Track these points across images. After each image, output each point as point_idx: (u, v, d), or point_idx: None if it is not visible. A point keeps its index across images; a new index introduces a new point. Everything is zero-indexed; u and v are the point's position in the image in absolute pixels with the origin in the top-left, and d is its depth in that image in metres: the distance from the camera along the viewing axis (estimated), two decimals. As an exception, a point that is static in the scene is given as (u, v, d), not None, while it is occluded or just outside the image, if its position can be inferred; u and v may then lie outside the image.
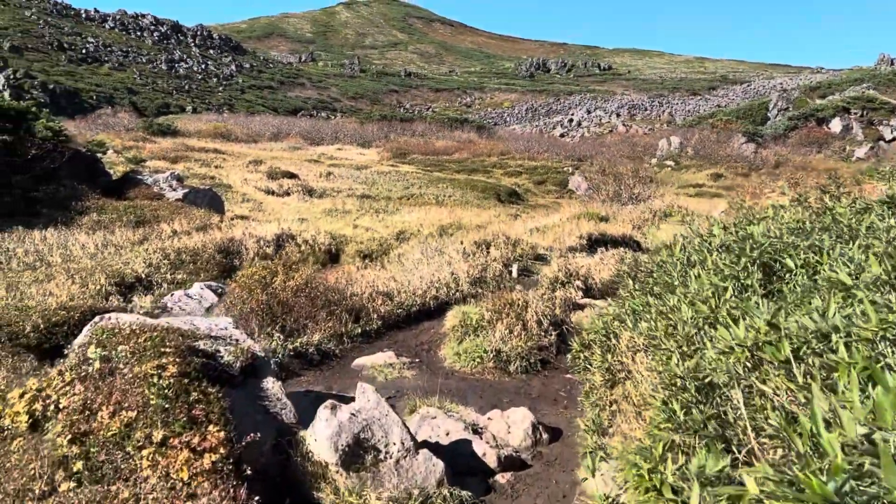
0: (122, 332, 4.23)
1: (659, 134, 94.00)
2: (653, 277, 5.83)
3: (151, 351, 3.97)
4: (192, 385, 3.86)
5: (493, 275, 10.59)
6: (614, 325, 5.30)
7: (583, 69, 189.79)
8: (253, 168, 41.27)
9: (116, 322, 4.57)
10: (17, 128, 17.60)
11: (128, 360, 3.93)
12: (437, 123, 72.13)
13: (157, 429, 3.47)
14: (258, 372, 4.60)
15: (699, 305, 4.24)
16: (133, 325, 4.35)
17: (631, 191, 19.73)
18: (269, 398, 4.48)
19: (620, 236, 13.36)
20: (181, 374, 3.87)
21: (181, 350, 4.08)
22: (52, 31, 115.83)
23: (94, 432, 3.48)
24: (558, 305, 8.85)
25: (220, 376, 4.25)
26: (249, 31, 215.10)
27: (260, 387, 4.50)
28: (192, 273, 13.27)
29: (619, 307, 5.55)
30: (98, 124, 57.41)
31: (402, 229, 21.38)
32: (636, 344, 4.76)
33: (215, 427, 3.59)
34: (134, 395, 3.62)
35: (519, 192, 43.85)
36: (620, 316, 5.32)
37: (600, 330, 5.29)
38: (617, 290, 10.25)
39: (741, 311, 4.07)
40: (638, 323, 4.88)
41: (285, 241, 17.17)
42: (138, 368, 3.80)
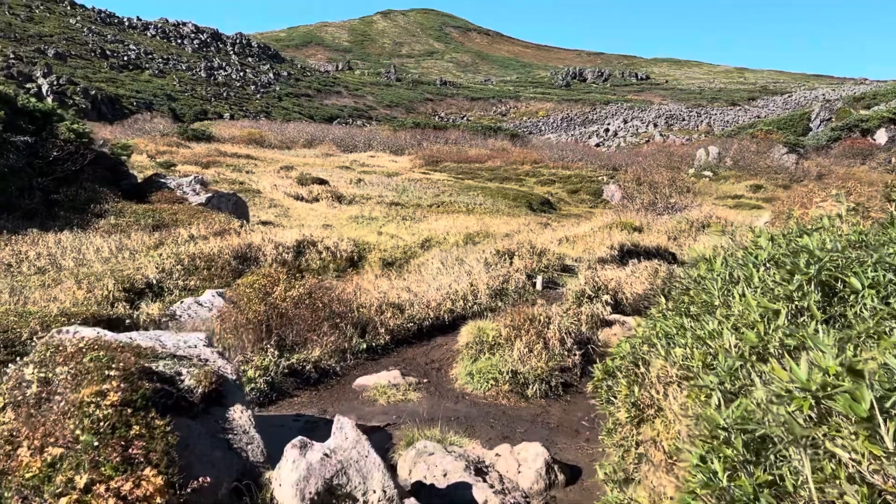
0: (66, 350, 3.67)
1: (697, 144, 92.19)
2: (689, 295, 5.08)
3: (95, 373, 3.40)
4: (136, 416, 3.27)
5: (514, 287, 9.89)
6: (643, 350, 4.58)
7: (620, 78, 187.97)
8: (284, 174, 41.15)
9: (67, 337, 4.01)
10: (41, 129, 17.44)
11: (68, 383, 3.37)
12: (470, 132, 71.60)
13: (83, 471, 2.88)
14: (225, 398, 3.99)
15: (745, 332, 3.52)
16: (81, 342, 3.78)
17: (667, 200, 18.81)
18: (233, 430, 3.86)
19: (654, 248, 12.55)
20: (124, 403, 3.28)
21: (130, 373, 3.50)
22: (95, 38, 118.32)
23: (12, 472, 2.91)
24: (584, 322, 8.12)
25: (178, 404, 3.66)
26: (288, 40, 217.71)
27: (224, 417, 3.88)
28: (206, 279, 12.81)
29: (650, 328, 4.82)
30: (134, 129, 58.07)
31: (428, 237, 20.78)
32: (668, 374, 4.04)
33: (154, 470, 2.99)
34: (64, 428, 3.05)
35: (551, 201, 43.00)
36: (650, 339, 4.60)
37: (627, 355, 4.57)
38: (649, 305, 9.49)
39: (797, 341, 3.34)
40: (671, 349, 4.16)
41: (306, 248, 16.68)
42: (75, 395, 3.23)
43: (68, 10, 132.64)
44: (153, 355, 3.90)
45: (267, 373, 6.49)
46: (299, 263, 16.01)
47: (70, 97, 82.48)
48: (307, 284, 7.59)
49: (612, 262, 11.32)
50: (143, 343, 4.08)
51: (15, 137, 16.27)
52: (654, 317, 5.06)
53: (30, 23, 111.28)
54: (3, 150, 15.49)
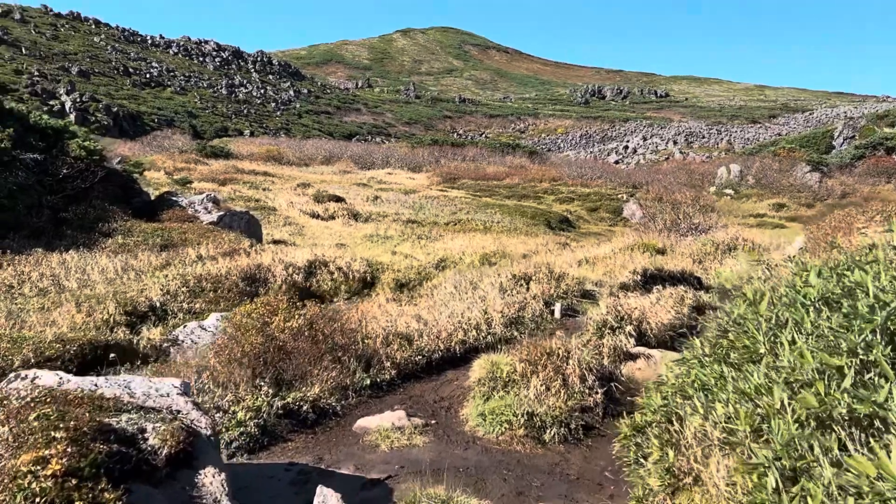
0: (10, 404, 3.20)
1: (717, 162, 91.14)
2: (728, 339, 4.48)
3: (39, 435, 2.92)
4: (82, 489, 2.78)
5: (531, 315, 9.33)
6: (677, 402, 4.01)
7: (639, 96, 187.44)
8: (300, 191, 40.96)
9: (17, 387, 3.54)
10: (51, 147, 17.22)
11: (8, 446, 2.89)
12: (488, 149, 71.26)
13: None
14: (196, 459, 3.48)
15: (802, 393, 2.97)
16: (32, 394, 3.31)
17: (690, 220, 18.18)
18: (202, 498, 3.37)
19: (679, 272, 11.94)
20: (68, 473, 2.80)
21: (82, 433, 3.03)
22: (118, 56, 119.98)
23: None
24: (606, 355, 7.55)
25: (138, 468, 3.17)
26: (308, 58, 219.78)
27: (193, 482, 3.38)
28: (212, 302, 12.40)
29: (684, 376, 4.25)
30: (154, 146, 58.36)
31: (444, 257, 20.29)
32: (708, 436, 3.48)
33: (93, 560, 2.50)
34: (-6, 505, 2.57)
35: (570, 219, 42.38)
36: (685, 389, 4.03)
37: (658, 409, 4.01)
38: (676, 336, 8.89)
39: (868, 408, 2.77)
40: (711, 405, 3.60)
41: (318, 268, 16.24)
42: (12, 462, 2.76)
43: (93, 28, 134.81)
44: (116, 408, 3.43)
45: (259, 415, 5.97)
46: (310, 285, 15.57)
47: (92, 114, 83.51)
48: (308, 314, 7.10)
49: (634, 287, 10.73)
50: (107, 392, 3.61)
51: (24, 155, 16.05)
52: (688, 360, 4.50)
53: (55, 41, 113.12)
54: (11, 168, 15.25)
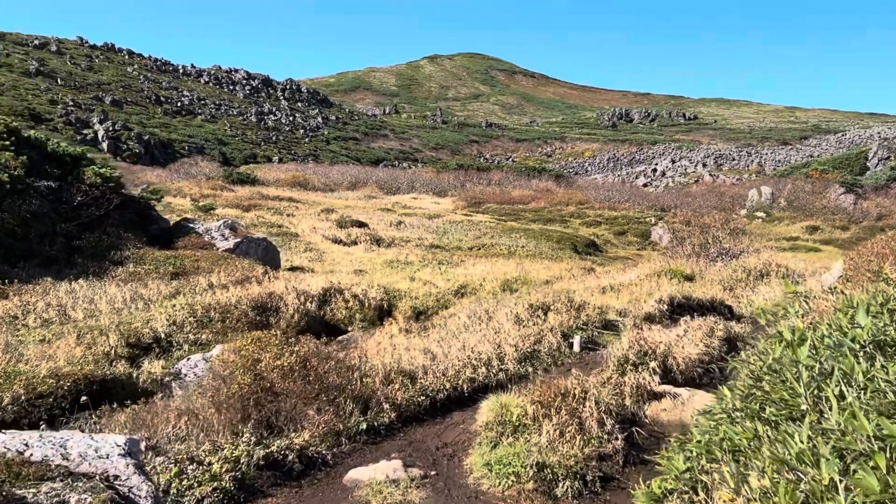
0: None
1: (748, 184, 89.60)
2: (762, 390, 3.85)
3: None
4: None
5: (548, 349, 8.69)
6: (701, 465, 3.40)
7: (667, 119, 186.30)
8: (324, 216, 40.82)
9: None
10: (66, 174, 17.11)
11: None
12: (514, 172, 70.85)
13: None
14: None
15: (859, 473, 2.38)
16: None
17: (720, 244, 17.38)
18: (129, 588, 2.83)
19: (709, 300, 11.22)
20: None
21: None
22: (150, 85, 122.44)
23: None
24: (628, 395, 6.91)
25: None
26: (337, 85, 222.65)
27: (119, 568, 2.88)
28: (220, 333, 11.97)
29: (712, 432, 3.64)
30: (181, 172, 58.97)
31: (464, 283, 19.73)
32: (740, 513, 2.87)
33: None
34: None
35: (597, 243, 41.60)
36: (712, 450, 3.42)
37: (682, 474, 3.40)
38: (705, 372, 8.21)
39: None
40: (744, 474, 2.99)
41: (332, 296, 15.79)
42: None
43: (126, 59, 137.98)
44: (39, 475, 2.94)
45: (237, 466, 5.40)
46: (324, 313, 15.12)
47: (124, 142, 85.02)
48: (302, 351, 6.58)
49: (660, 317, 10.05)
50: (38, 453, 3.14)
51: (39, 182, 15.93)
52: (717, 414, 3.89)
53: (89, 71, 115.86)
54: (24, 196, 15.10)
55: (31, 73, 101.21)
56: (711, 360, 8.23)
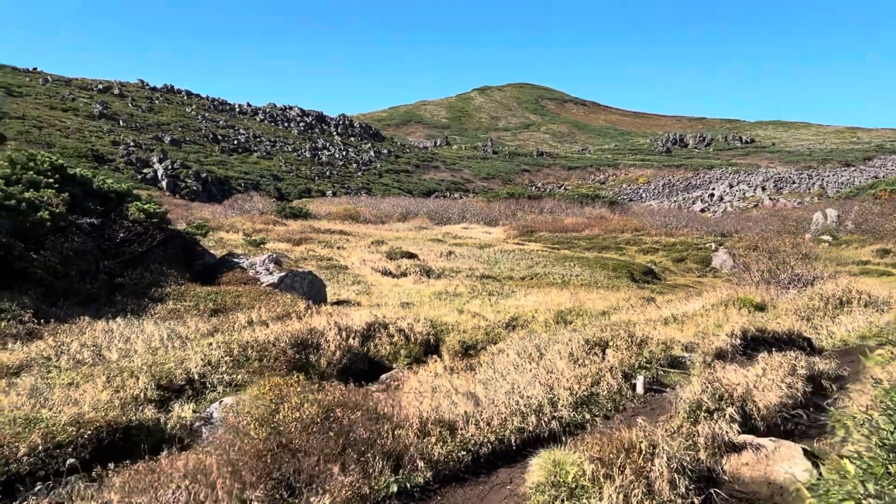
0: None
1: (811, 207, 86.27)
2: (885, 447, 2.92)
3: None
4: None
5: (607, 391, 7.69)
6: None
7: (723, 143, 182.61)
8: (374, 248, 40.50)
9: None
10: (110, 210, 16.99)
11: None
12: (566, 200, 69.71)
13: None
14: None
15: None
16: None
17: (791, 270, 16.00)
18: None
19: (785, 333, 10.06)
20: None
21: None
22: (208, 124, 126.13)
23: None
24: (703, 447, 5.92)
25: None
26: (389, 119, 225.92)
27: None
28: (256, 372, 11.35)
29: None
30: (235, 208, 59.82)
31: (515, 315, 18.83)
32: None
33: None
34: None
35: (655, 271, 40.08)
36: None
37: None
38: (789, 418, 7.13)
39: None
40: None
41: (376, 331, 15.11)
42: None
43: (185, 99, 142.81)
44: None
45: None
46: (367, 349, 14.42)
47: (182, 180, 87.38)
48: (326, 400, 5.80)
49: (733, 354, 8.96)
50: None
51: (81, 219, 15.80)
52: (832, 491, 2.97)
53: (150, 112, 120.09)
54: (67, 233, 14.95)
55: (95, 115, 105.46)
56: (796, 405, 7.14)
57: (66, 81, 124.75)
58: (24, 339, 11.66)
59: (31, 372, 10.45)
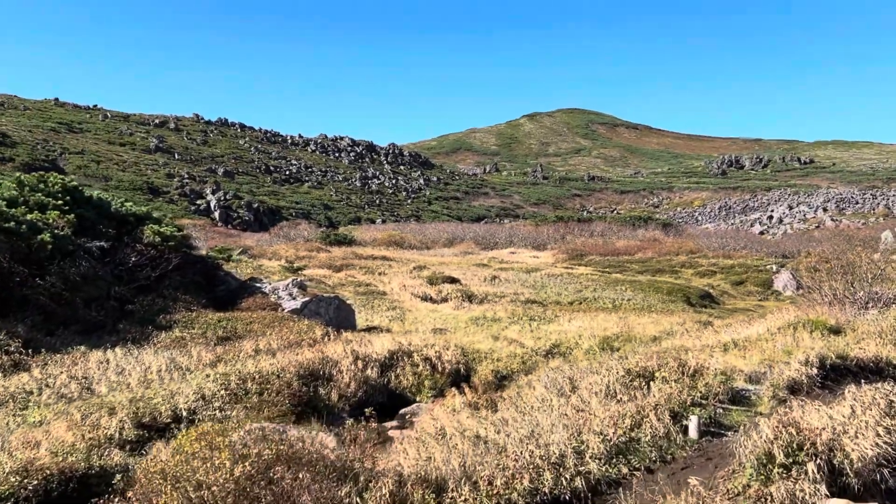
0: None
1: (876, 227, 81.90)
2: None
3: None
4: None
5: (651, 436, 6.10)
6: None
7: (780, 164, 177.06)
8: (415, 274, 39.31)
9: None
10: (123, 233, 16.15)
11: None
12: (617, 223, 67.47)
13: None
14: None
15: None
16: None
17: (869, 288, 13.96)
18: None
19: (872, 360, 8.32)
20: None
21: None
22: (260, 156, 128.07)
23: None
24: (778, 516, 4.40)
25: None
26: (439, 148, 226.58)
27: None
28: (253, 408, 10.11)
29: None
30: (280, 236, 59.64)
31: (557, 342, 17.24)
32: None
33: None
34: None
35: (712, 294, 37.74)
36: None
37: None
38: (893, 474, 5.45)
39: None
40: None
41: (399, 360, 13.76)
42: None
43: (238, 132, 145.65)
44: None
45: None
46: (387, 380, 13.07)
47: (235, 210, 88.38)
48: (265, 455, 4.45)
49: (809, 385, 7.29)
50: None
51: (90, 243, 14.96)
52: None
53: (204, 146, 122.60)
54: (74, 257, 14.09)
55: (151, 149, 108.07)
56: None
57: (125, 117, 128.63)
58: (8, 370, 10.70)
59: (5, 408, 9.43)
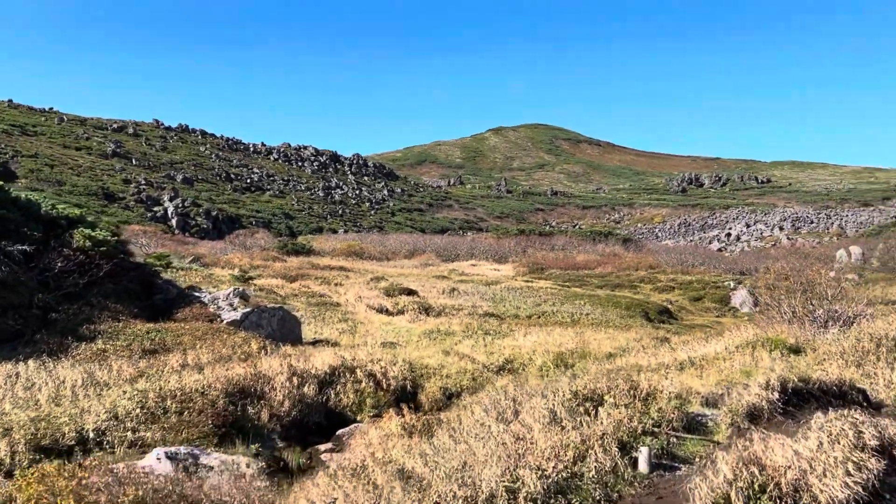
0: None
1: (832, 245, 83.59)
2: None
3: None
4: None
5: (595, 471, 5.41)
6: None
7: (739, 182, 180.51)
8: (373, 285, 38.36)
9: None
10: (49, 238, 15.02)
11: None
12: (578, 237, 67.45)
13: None
14: None
15: None
16: None
17: (829, 305, 13.57)
18: None
19: (835, 384, 7.79)
20: None
21: None
22: (221, 163, 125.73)
23: None
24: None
25: None
26: (403, 160, 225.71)
27: None
28: (171, 429, 9.18)
29: None
30: (236, 244, 58.12)
31: (510, 357, 16.57)
32: None
33: None
34: None
35: (671, 310, 37.59)
36: None
37: None
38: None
39: None
40: None
41: (341, 376, 12.90)
42: None
43: (199, 139, 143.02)
44: None
45: None
46: (327, 398, 12.20)
47: (193, 218, 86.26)
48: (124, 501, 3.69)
49: (770, 412, 6.69)
50: None
51: (12, 247, 13.82)
52: None
53: (163, 152, 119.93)
54: (-11, 261, 12.97)
55: (108, 154, 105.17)
56: (870, 495, 4.88)
57: (81, 121, 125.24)
58: None
59: None
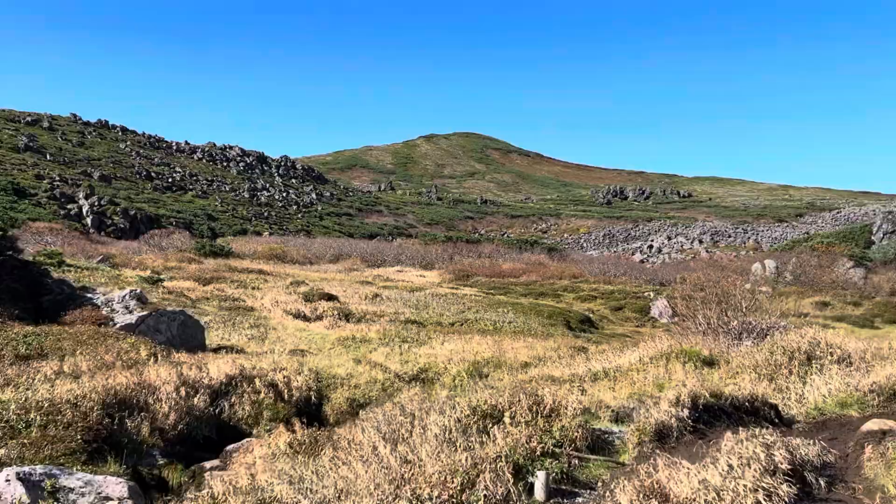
0: None
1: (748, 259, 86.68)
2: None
3: None
4: None
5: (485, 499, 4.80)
6: None
7: (661, 196, 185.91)
8: (293, 290, 37.15)
9: None
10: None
11: None
12: (504, 245, 67.64)
13: None
14: None
15: None
16: None
17: (743, 317, 13.58)
18: None
19: (747, 399, 7.52)
20: None
21: None
22: (142, 161, 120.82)
23: None
24: None
25: None
26: (334, 163, 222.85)
27: None
28: (32, 445, 8.13)
29: None
30: (151, 245, 55.58)
31: (426, 366, 15.96)
32: None
33: None
34: None
35: (592, 319, 37.84)
36: None
37: None
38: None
39: None
40: None
41: (238, 386, 11.98)
42: None
43: (119, 135, 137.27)
44: None
45: None
46: (220, 410, 11.27)
47: (109, 217, 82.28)
48: None
49: (680, 430, 6.30)
50: None
51: None
52: None
53: (80, 147, 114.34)
54: None
55: (20, 148, 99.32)
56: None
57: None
58: None
59: None
